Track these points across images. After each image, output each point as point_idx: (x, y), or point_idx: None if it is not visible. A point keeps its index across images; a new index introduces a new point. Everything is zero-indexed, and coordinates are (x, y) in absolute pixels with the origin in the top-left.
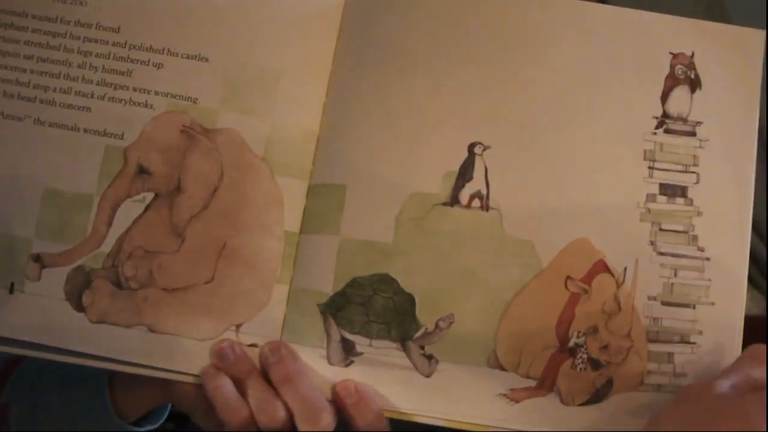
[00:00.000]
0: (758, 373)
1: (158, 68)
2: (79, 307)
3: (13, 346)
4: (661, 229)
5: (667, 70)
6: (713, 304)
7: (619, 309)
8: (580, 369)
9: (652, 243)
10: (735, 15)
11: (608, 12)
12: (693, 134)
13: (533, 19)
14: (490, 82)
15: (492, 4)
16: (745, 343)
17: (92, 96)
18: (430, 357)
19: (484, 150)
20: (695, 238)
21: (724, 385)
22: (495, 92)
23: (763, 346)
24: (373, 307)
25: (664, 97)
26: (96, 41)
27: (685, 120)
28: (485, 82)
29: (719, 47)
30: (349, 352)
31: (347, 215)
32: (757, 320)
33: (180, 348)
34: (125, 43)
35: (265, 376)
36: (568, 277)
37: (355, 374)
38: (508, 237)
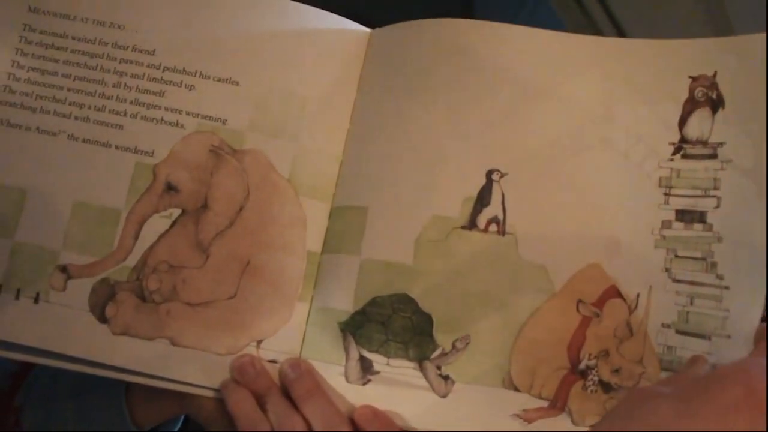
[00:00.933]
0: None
1: (190, 90)
2: (103, 319)
3: (36, 355)
4: (677, 256)
5: (686, 95)
6: (729, 337)
7: (631, 334)
8: (592, 391)
9: (666, 270)
10: (734, 16)
11: (624, 45)
12: (714, 156)
13: (550, 54)
14: (507, 112)
15: (509, 40)
16: None
17: (125, 114)
18: (446, 377)
19: (501, 177)
20: (714, 265)
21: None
22: (512, 122)
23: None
24: (392, 327)
25: (682, 123)
26: (131, 62)
27: (705, 143)
28: (503, 113)
29: (742, 61)
30: (366, 370)
31: (368, 236)
32: None
33: (201, 362)
34: (159, 65)
35: (284, 392)
36: (580, 301)
37: (372, 393)
38: (523, 261)
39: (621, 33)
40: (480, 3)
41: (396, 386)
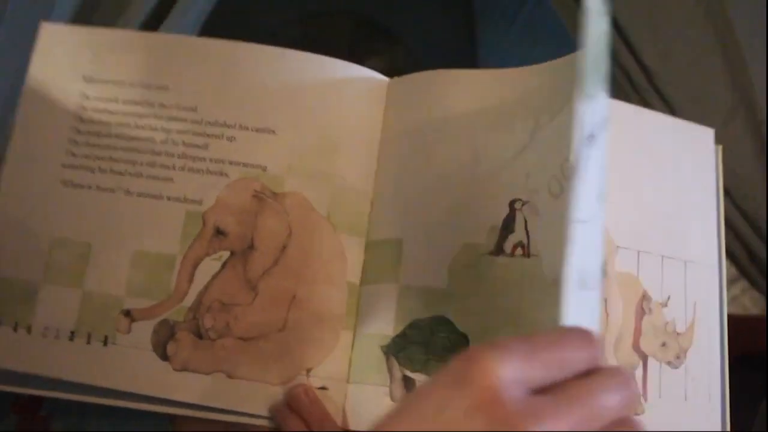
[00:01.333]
0: None
1: (231, 141)
2: (164, 357)
3: (104, 396)
4: None
5: None
6: None
7: None
8: None
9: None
10: (734, 16)
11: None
12: None
13: (560, 85)
14: (526, 144)
15: (522, 81)
16: (745, 343)
17: (174, 168)
18: None
19: (523, 205)
20: None
21: None
22: (530, 153)
23: None
24: (432, 347)
25: None
26: (176, 120)
27: None
28: (520, 146)
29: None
30: (410, 389)
31: (405, 265)
32: (756, 320)
33: (255, 392)
34: (201, 120)
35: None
36: None
37: None
38: (549, 280)
39: (621, 33)
40: (480, 3)
41: None
